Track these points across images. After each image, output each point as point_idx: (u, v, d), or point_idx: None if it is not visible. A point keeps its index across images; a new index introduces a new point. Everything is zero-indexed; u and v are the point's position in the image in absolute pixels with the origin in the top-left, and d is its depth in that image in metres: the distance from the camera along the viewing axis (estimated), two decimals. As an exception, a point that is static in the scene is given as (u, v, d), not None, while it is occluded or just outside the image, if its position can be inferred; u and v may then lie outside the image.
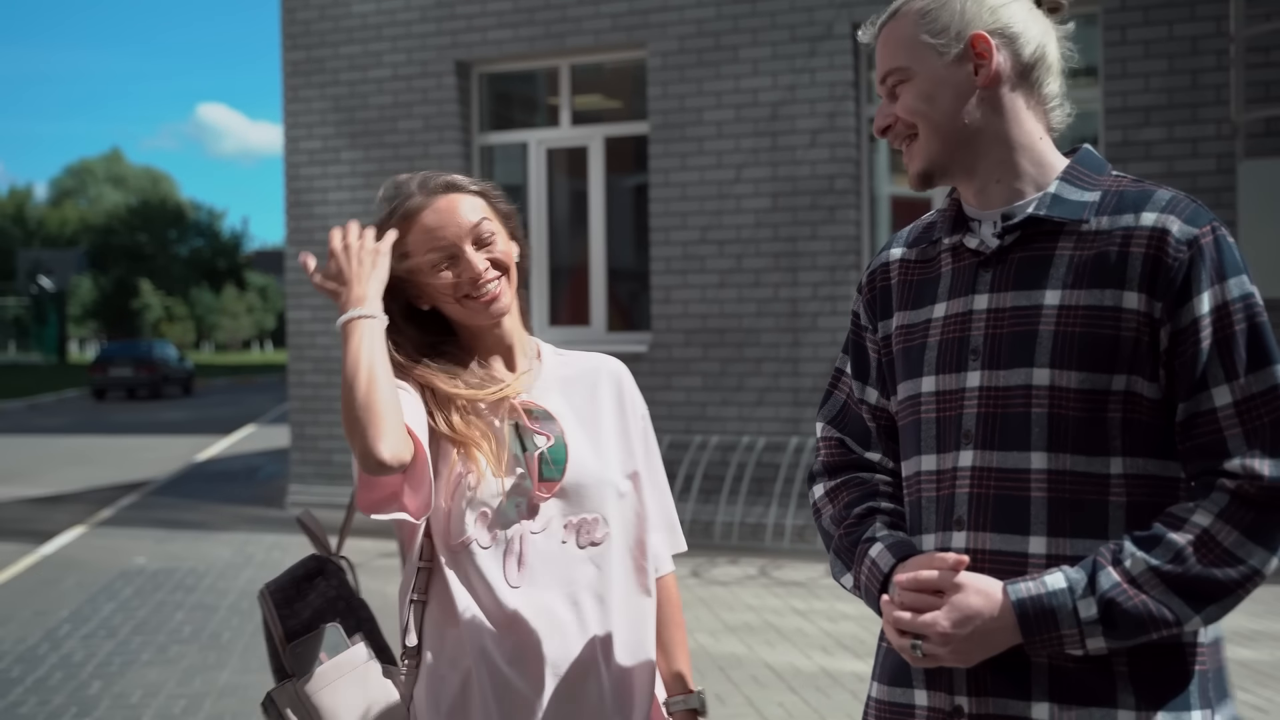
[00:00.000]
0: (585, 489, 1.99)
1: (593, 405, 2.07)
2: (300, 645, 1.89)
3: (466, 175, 2.09)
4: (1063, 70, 1.77)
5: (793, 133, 9.21)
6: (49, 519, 11.24)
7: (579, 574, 1.96)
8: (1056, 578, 1.57)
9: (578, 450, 2.00)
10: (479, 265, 1.96)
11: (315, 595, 1.96)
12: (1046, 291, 1.65)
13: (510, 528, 1.93)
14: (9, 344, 55.08)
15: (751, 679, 5.67)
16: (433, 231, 1.97)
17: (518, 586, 1.92)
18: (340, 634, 1.92)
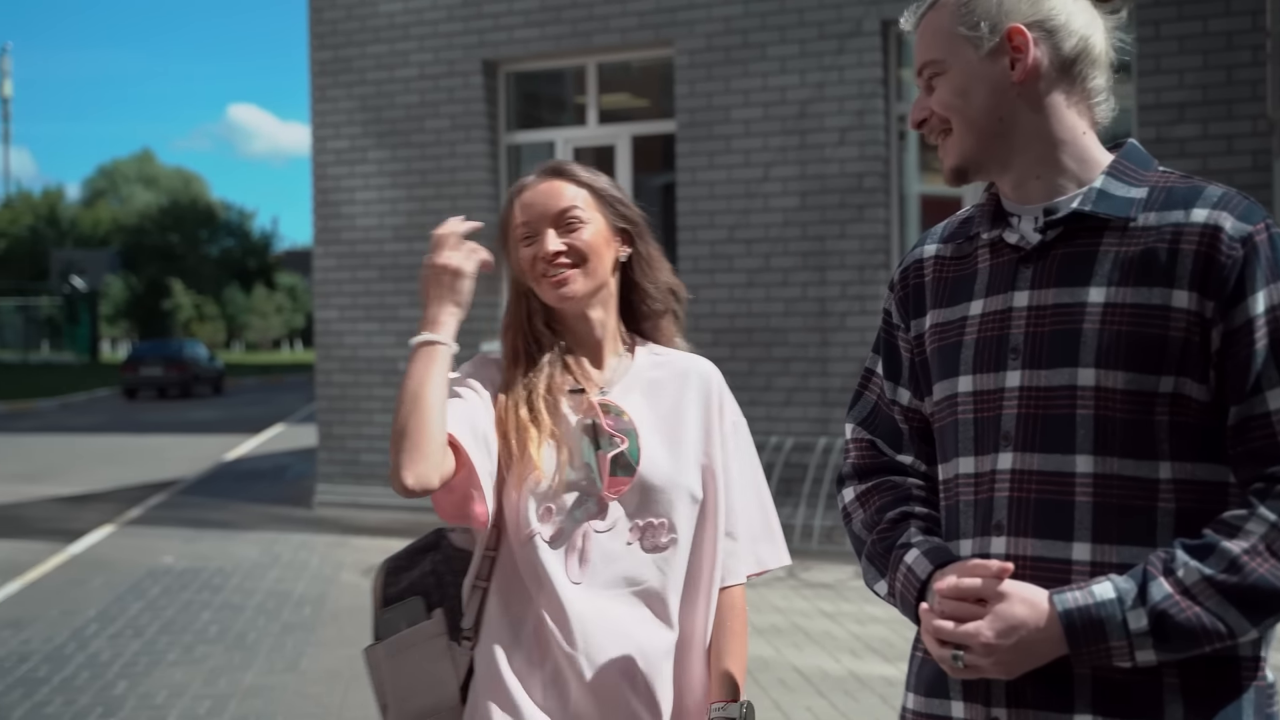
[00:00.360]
0: (655, 493, 2.01)
1: (676, 409, 2.07)
2: (389, 612, 2.04)
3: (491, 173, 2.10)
4: (1111, 63, 1.70)
5: (821, 130, 9.14)
6: (79, 518, 11.29)
7: (641, 576, 2.00)
8: (1105, 587, 1.51)
9: (651, 453, 2.01)
10: (551, 246, 2.00)
11: (418, 569, 2.09)
12: (1091, 289, 1.59)
13: (575, 525, 1.97)
14: (42, 343, 55.50)
15: (779, 682, 5.61)
16: (526, 208, 2.05)
17: (578, 583, 1.97)
18: (420, 607, 2.04)
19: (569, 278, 2.01)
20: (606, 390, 2.05)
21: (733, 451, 2.11)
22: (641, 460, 2.00)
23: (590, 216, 2.04)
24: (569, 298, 2.02)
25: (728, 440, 2.10)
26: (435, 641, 2.01)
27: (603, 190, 2.08)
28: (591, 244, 2.02)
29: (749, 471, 2.13)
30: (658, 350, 2.13)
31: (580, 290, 2.02)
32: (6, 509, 12.00)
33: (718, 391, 2.11)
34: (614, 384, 2.07)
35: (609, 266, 2.06)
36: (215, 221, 68.71)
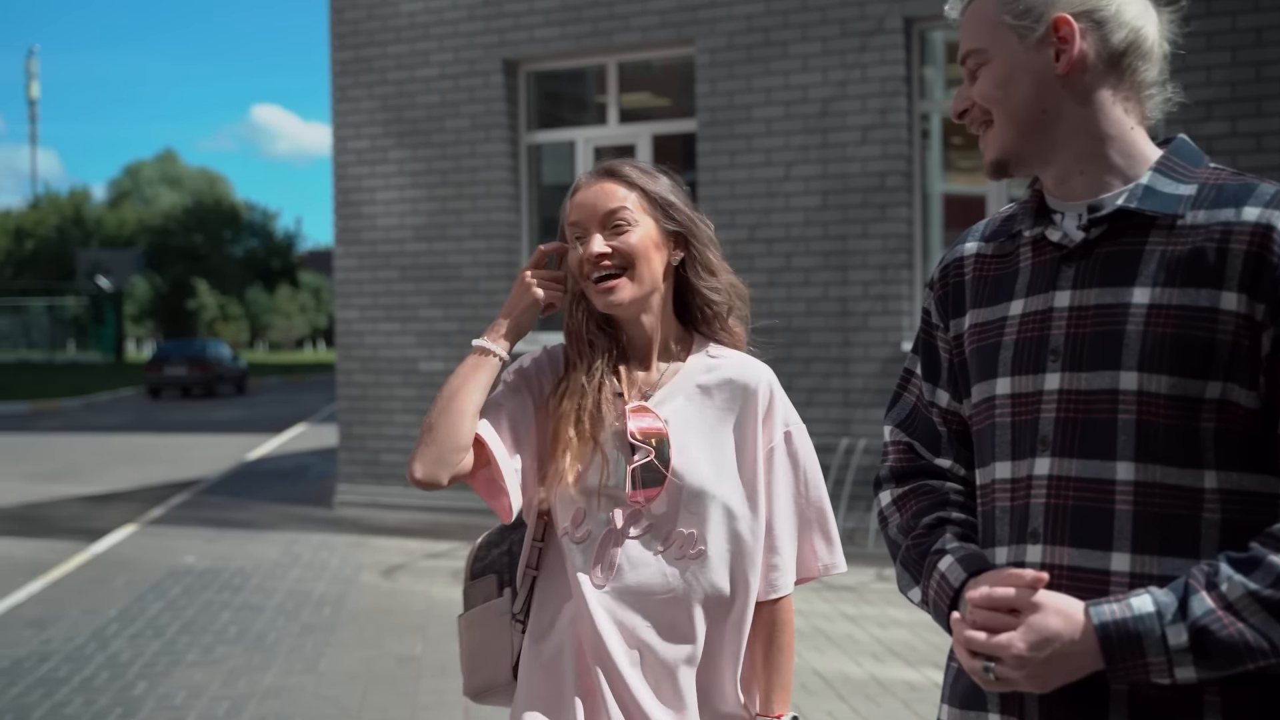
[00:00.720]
0: (685, 502, 2.00)
1: (719, 416, 2.05)
2: (472, 587, 2.16)
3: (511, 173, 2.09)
4: (1165, 55, 1.64)
5: (843, 129, 9.08)
6: (102, 517, 11.32)
7: (666, 585, 1.99)
8: (1144, 600, 1.45)
9: (683, 462, 2.00)
10: (596, 248, 1.99)
11: (501, 548, 2.17)
12: (1135, 289, 1.53)
13: (603, 529, 1.99)
14: (68, 343, 55.87)
15: (800, 687, 5.55)
16: (576, 208, 2.05)
17: (602, 587, 1.99)
18: (493, 585, 2.15)
19: (616, 285, 2.00)
20: (649, 395, 2.05)
21: (781, 461, 2.07)
22: (672, 468, 1.99)
23: (638, 219, 2.01)
24: (616, 304, 2.01)
25: (778, 449, 2.07)
26: (501, 620, 2.11)
27: (654, 193, 2.05)
28: (639, 247, 2.00)
29: (802, 483, 2.09)
30: (715, 352, 2.10)
31: (627, 296, 2.00)
32: (31, 508, 12.05)
33: (767, 397, 2.07)
34: (658, 388, 2.06)
35: (659, 271, 2.03)
36: (239, 222, 68.99)
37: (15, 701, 5.55)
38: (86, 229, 66.01)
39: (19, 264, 63.56)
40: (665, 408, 2.03)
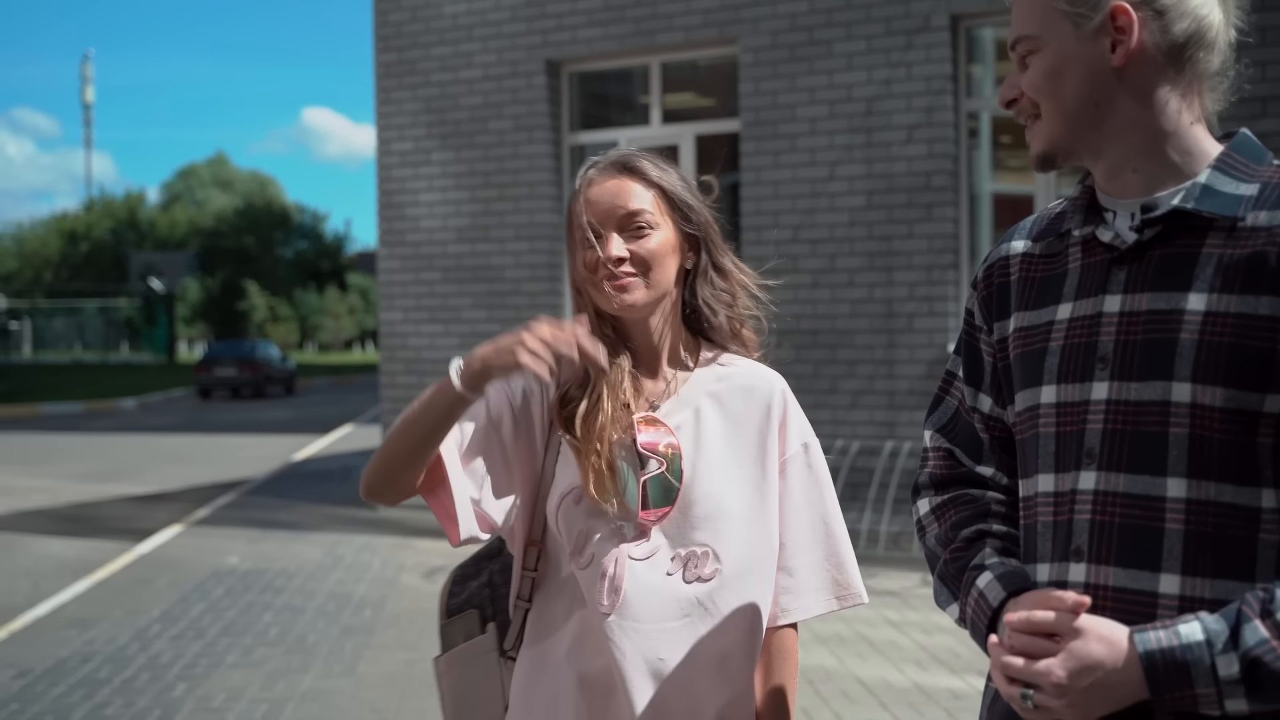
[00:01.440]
0: (698, 520, 1.86)
1: (735, 428, 1.92)
2: (449, 625, 2.01)
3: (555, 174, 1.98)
4: (1230, 44, 1.54)
5: (888, 128, 8.97)
6: (149, 517, 11.40)
7: (680, 610, 1.84)
8: (1193, 627, 1.35)
9: (696, 476, 1.87)
10: (616, 251, 1.87)
11: (478, 581, 2.03)
12: (1190, 295, 1.44)
13: (608, 551, 1.84)
14: (122, 344, 56.55)
15: (841, 693, 5.47)
16: (591, 206, 1.91)
17: (609, 614, 1.83)
18: (475, 621, 2.00)
19: (630, 285, 1.88)
20: (657, 406, 1.92)
21: (796, 476, 1.95)
22: (684, 483, 1.86)
23: (659, 222, 1.90)
24: (629, 306, 1.88)
25: (791, 464, 1.94)
26: (486, 658, 1.97)
27: (674, 193, 1.93)
28: (657, 253, 1.89)
29: (817, 499, 1.96)
30: (726, 361, 1.98)
31: (640, 300, 1.88)
32: (81, 508, 12.16)
33: (780, 409, 1.96)
34: (667, 399, 1.93)
35: (672, 276, 1.92)
36: (289, 224, 69.60)
37: (56, 702, 5.57)
38: (140, 231, 66.81)
39: (74, 266, 64.43)
40: (675, 418, 1.91)
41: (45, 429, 22.58)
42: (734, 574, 1.86)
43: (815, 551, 1.94)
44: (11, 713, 5.42)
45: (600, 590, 1.83)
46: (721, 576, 1.85)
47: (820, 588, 1.95)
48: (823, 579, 1.95)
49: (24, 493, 13.15)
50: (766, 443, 1.93)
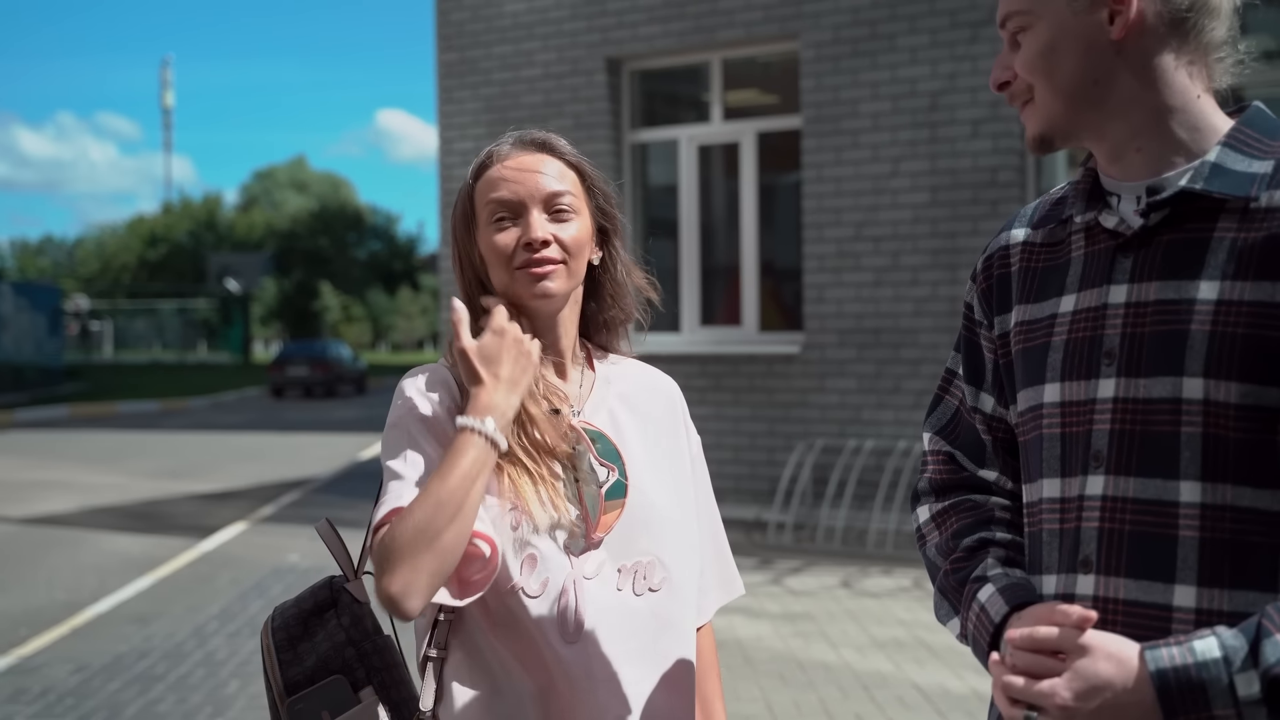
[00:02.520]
0: (642, 528, 1.70)
1: (654, 428, 1.80)
2: (301, 700, 1.63)
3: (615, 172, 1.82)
4: (1236, 8, 1.42)
5: (953, 123, 8.80)
6: (215, 514, 11.52)
7: (639, 626, 1.68)
8: (1209, 643, 1.24)
9: (638, 482, 1.72)
10: (539, 232, 1.67)
11: (323, 636, 1.68)
12: (1201, 283, 1.34)
13: (561, 574, 1.64)
14: (199, 344, 57.51)
15: (897, 700, 5.35)
16: (505, 182, 1.70)
17: (574, 643, 1.63)
18: (345, 689, 1.64)
19: (552, 272, 1.68)
20: (578, 409, 1.75)
21: (701, 472, 1.87)
22: (630, 490, 1.70)
23: (580, 208, 1.74)
24: (549, 294, 1.69)
25: (696, 460, 1.86)
26: None
27: (592, 178, 1.78)
28: (578, 240, 1.72)
29: (711, 499, 1.89)
30: (615, 360, 1.84)
31: (560, 289, 1.70)
32: (150, 505, 12.33)
33: (682, 407, 1.87)
34: (583, 401, 1.76)
35: (584, 267, 1.76)
36: (363, 225, 70.36)
37: (112, 698, 5.61)
38: (217, 233, 67.98)
39: (153, 268, 65.65)
40: (598, 420, 1.75)
41: (121, 427, 22.98)
42: (677, 580, 1.73)
43: (713, 547, 1.87)
44: (67, 708, 5.47)
45: (561, 618, 1.63)
46: (669, 584, 1.72)
47: (718, 584, 1.88)
48: (719, 574, 1.88)
49: (97, 489, 13.37)
50: (678, 441, 1.83)
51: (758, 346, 9.71)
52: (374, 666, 1.68)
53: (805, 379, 9.27)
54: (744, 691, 5.46)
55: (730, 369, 9.70)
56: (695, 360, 9.81)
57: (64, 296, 44.48)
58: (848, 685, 5.56)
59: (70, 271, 71.05)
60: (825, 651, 6.12)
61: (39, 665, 6.19)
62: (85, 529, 10.74)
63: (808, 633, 6.48)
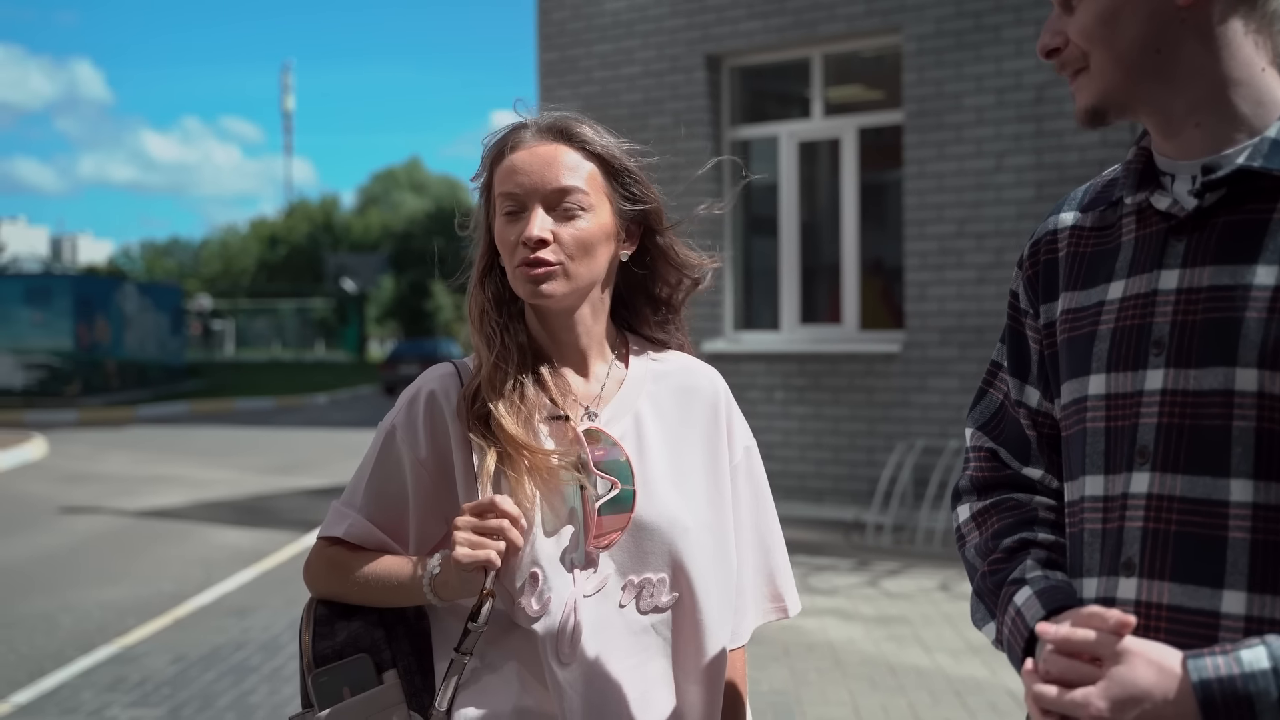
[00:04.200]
0: (652, 542, 1.62)
1: (678, 437, 1.70)
2: (325, 674, 1.64)
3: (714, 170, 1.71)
4: None
5: (1060, 116, 8.56)
6: (321, 510, 11.70)
7: (641, 645, 1.62)
8: (1257, 653, 1.15)
9: (648, 493, 1.64)
10: (536, 230, 1.60)
11: (359, 617, 1.67)
12: (1258, 268, 1.24)
13: (562, 593, 1.59)
14: (316, 343, 58.76)
15: (989, 706, 5.20)
16: (514, 174, 1.63)
17: (568, 664, 1.58)
18: (369, 668, 1.65)
19: (549, 273, 1.61)
20: (594, 413, 1.67)
21: (744, 484, 1.75)
22: (637, 503, 1.62)
23: (593, 204, 1.64)
24: (546, 296, 1.62)
25: (740, 470, 1.75)
26: (392, 712, 1.64)
27: (618, 166, 1.67)
28: (587, 239, 1.63)
29: (764, 510, 1.77)
30: (656, 358, 1.74)
31: (560, 292, 1.62)
32: (260, 499, 12.59)
33: (726, 410, 1.75)
34: (603, 404, 1.67)
35: (603, 266, 1.66)
36: (477, 226, 71.21)
37: (206, 688, 5.71)
38: (335, 234, 69.40)
39: (272, 268, 67.28)
40: (615, 427, 1.65)
41: (237, 423, 23.56)
42: (694, 600, 1.64)
43: (755, 566, 1.77)
44: (163, 697, 5.58)
45: (558, 638, 1.59)
46: (681, 604, 1.63)
47: (761, 601, 1.78)
48: (765, 592, 1.78)
49: (208, 484, 13.71)
50: (716, 450, 1.72)
51: (858, 345, 9.56)
52: (401, 651, 1.67)
53: (906, 378, 9.10)
54: (832, 695, 5.36)
55: (829, 368, 9.57)
56: (794, 359, 9.70)
57: (187, 296, 45.80)
58: (939, 690, 5.42)
59: (194, 272, 73.17)
60: (919, 655, 5.99)
61: (140, 655, 6.33)
62: (195, 522, 11.00)
63: (902, 636, 6.34)
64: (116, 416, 24.58)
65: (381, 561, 1.66)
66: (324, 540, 1.72)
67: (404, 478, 1.67)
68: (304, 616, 1.71)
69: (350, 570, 1.66)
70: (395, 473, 1.68)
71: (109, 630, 6.90)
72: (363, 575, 1.65)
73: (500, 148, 1.68)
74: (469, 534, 1.54)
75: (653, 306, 1.77)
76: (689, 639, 1.66)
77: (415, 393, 1.69)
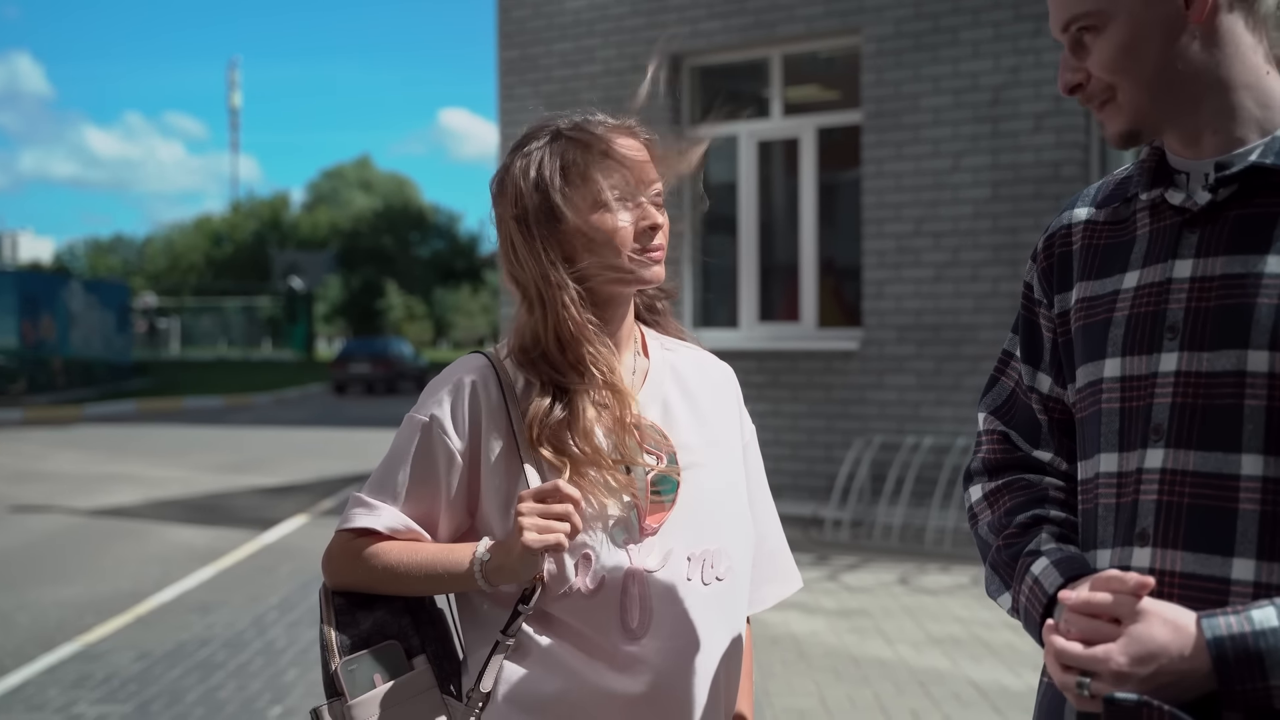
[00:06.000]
0: (705, 515, 1.69)
1: (703, 417, 1.77)
2: (354, 662, 1.64)
3: None
4: None
5: (1015, 117, 8.70)
6: (277, 508, 11.66)
7: (708, 616, 1.67)
8: (1267, 613, 1.24)
9: (695, 470, 1.70)
10: (659, 219, 1.69)
11: (381, 604, 1.70)
12: (1270, 257, 1.33)
13: (619, 570, 1.62)
14: (263, 341, 58.26)
15: (953, 696, 5.30)
16: (624, 167, 1.66)
17: (640, 637, 1.62)
18: (400, 654, 1.67)
19: (663, 256, 1.71)
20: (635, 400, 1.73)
21: (754, 460, 1.85)
22: (684, 480, 1.68)
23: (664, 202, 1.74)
24: (660, 279, 1.71)
25: (750, 447, 1.84)
26: (425, 698, 1.65)
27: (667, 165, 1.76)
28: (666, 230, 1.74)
29: (765, 487, 1.87)
30: (669, 346, 1.82)
31: (663, 275, 1.74)
32: (214, 498, 12.50)
33: (735, 393, 1.85)
34: (638, 388, 1.73)
35: None
36: (426, 224, 70.93)
37: (173, 685, 5.69)
38: (282, 232, 68.86)
39: (218, 266, 66.64)
40: (650, 411, 1.72)
41: (187, 422, 23.34)
42: (740, 569, 1.73)
43: (771, 541, 1.86)
44: (129, 694, 5.56)
45: (625, 613, 1.62)
46: (733, 573, 1.71)
47: (777, 577, 1.86)
48: (778, 567, 1.87)
49: (161, 483, 13.59)
50: (732, 428, 1.81)
51: (816, 343, 9.66)
52: (428, 637, 1.70)
53: (864, 375, 9.21)
54: (799, 686, 5.43)
55: (788, 365, 9.66)
56: (753, 356, 9.78)
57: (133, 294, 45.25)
58: (903, 681, 5.51)
59: (139, 269, 72.30)
60: (881, 648, 6.08)
61: (103, 652, 6.29)
62: (150, 521, 10.91)
63: (863, 629, 6.43)
64: (63, 415, 24.28)
65: (421, 550, 1.67)
66: (349, 532, 1.72)
67: (440, 468, 1.69)
68: (322, 608, 1.73)
69: (383, 560, 1.67)
70: (432, 464, 1.69)
71: (69, 628, 6.84)
72: (400, 566, 1.66)
73: (604, 141, 1.70)
74: (535, 519, 1.54)
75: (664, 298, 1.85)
76: (737, 608, 1.74)
77: (454, 383, 1.70)
